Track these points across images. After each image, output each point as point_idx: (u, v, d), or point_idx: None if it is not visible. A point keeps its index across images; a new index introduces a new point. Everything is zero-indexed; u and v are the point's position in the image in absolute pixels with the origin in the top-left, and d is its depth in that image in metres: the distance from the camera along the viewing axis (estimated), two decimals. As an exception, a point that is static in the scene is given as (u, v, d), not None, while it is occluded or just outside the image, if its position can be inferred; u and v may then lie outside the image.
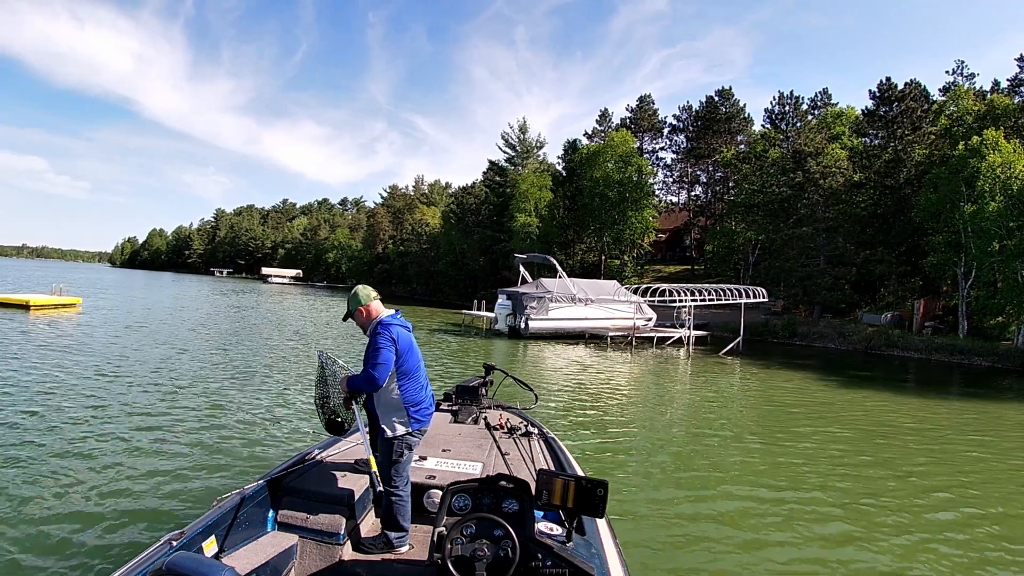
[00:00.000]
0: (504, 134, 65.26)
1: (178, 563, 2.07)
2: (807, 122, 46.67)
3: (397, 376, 3.66)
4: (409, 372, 3.70)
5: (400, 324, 3.71)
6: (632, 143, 50.87)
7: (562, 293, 28.94)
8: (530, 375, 16.53)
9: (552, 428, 9.62)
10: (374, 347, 3.57)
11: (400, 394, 3.69)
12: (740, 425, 11.41)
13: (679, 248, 61.90)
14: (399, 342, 3.61)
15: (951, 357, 27.16)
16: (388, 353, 3.55)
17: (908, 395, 16.86)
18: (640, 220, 48.22)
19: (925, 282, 33.85)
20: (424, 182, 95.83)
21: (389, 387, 3.67)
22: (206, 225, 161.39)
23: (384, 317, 3.72)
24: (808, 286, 36.20)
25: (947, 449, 10.45)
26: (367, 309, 3.76)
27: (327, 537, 3.39)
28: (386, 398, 3.70)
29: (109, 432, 8.14)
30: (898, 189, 35.83)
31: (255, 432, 8.63)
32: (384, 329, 3.61)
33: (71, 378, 11.67)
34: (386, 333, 3.59)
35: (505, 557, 2.68)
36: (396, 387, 3.68)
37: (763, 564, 5.36)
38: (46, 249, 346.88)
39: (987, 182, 27.00)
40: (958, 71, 40.18)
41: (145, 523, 5.39)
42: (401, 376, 3.67)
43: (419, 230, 75.35)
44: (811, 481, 7.92)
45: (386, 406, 3.71)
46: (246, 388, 11.82)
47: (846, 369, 22.51)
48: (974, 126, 31.04)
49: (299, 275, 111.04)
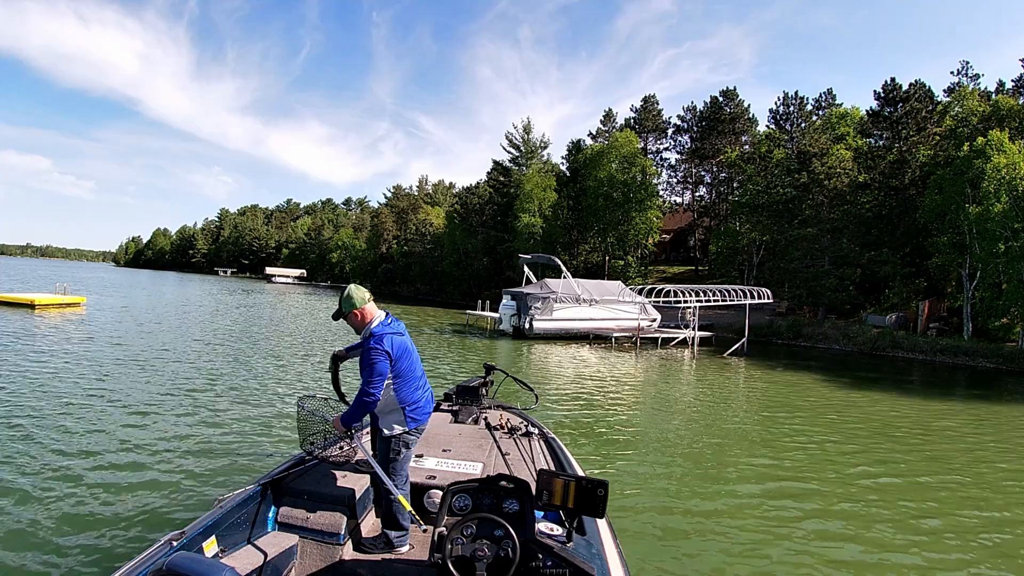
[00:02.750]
0: (508, 134, 65.26)
1: (178, 563, 2.08)
2: (811, 123, 46.50)
3: (392, 379, 3.67)
4: (403, 374, 3.71)
5: (393, 332, 3.68)
6: (636, 143, 50.83)
7: (567, 294, 28.89)
8: (534, 376, 16.53)
9: (555, 428, 9.64)
10: (368, 362, 3.56)
11: (395, 395, 3.71)
12: (744, 426, 11.39)
13: (683, 249, 61.78)
14: (393, 350, 3.61)
15: (955, 358, 27.02)
16: (383, 366, 3.55)
17: (913, 397, 16.78)
18: (644, 221, 48.15)
19: (930, 283, 33.69)
20: (428, 182, 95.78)
21: (385, 391, 3.69)
22: (210, 225, 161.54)
23: (375, 327, 3.69)
24: (813, 287, 36.08)
25: (952, 450, 10.40)
26: (362, 313, 3.73)
27: (327, 537, 3.40)
28: (383, 400, 3.71)
29: (110, 432, 8.19)
30: (903, 190, 35.67)
31: (256, 432, 8.67)
32: (377, 343, 3.59)
33: (73, 377, 11.74)
34: (379, 348, 3.57)
35: (505, 557, 2.69)
36: (392, 390, 3.70)
37: (764, 565, 5.35)
38: (50, 248, 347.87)
39: (992, 183, 26.88)
40: (963, 72, 40.06)
41: (146, 523, 5.41)
42: (396, 379, 3.69)
43: (423, 230, 75.33)
44: (815, 483, 7.90)
45: (383, 407, 3.73)
46: (247, 388, 11.87)
47: (851, 370, 22.43)
48: (979, 127, 30.89)
49: (303, 275, 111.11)
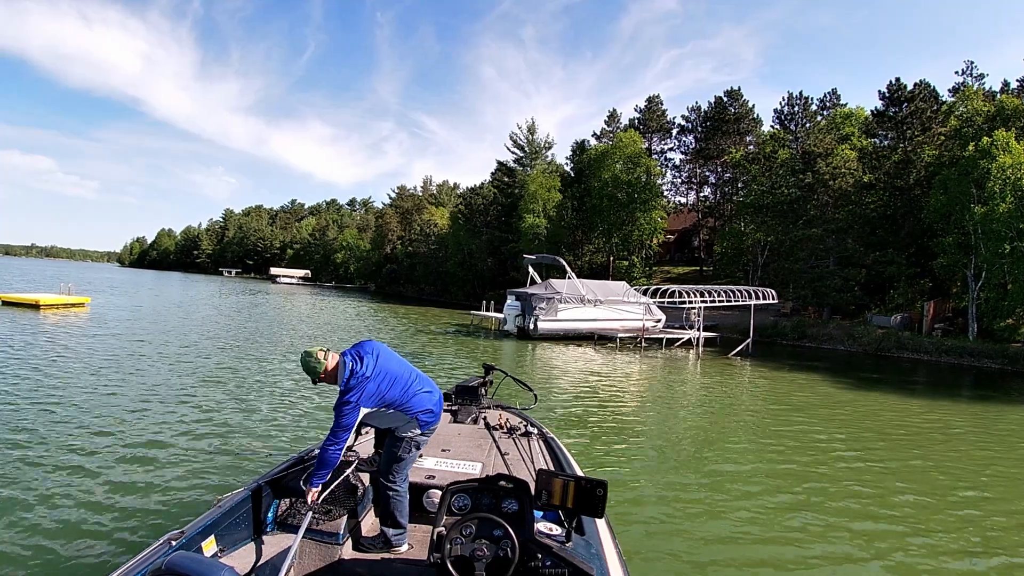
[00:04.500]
0: (512, 135, 65.37)
1: (178, 563, 2.08)
2: (816, 123, 46.33)
3: (384, 406, 3.65)
4: (394, 400, 3.65)
5: (359, 382, 3.47)
6: (640, 144, 50.78)
7: (571, 294, 28.87)
8: (539, 376, 16.53)
9: (560, 428, 9.66)
10: (338, 415, 3.46)
11: (398, 410, 3.69)
12: (747, 427, 11.37)
13: (688, 249, 61.61)
14: (366, 394, 3.47)
15: (961, 359, 26.91)
16: (351, 419, 3.44)
17: (918, 397, 16.72)
18: (649, 221, 48.12)
19: (935, 284, 33.53)
20: (432, 183, 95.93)
21: (383, 414, 3.72)
22: (215, 225, 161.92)
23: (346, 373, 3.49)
24: (817, 288, 35.94)
25: (958, 452, 10.35)
26: (326, 371, 3.51)
27: (327, 537, 3.41)
28: (387, 419, 3.73)
29: (110, 431, 8.23)
30: (908, 190, 35.52)
31: (256, 432, 8.70)
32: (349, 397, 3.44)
33: (74, 377, 11.81)
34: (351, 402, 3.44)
35: (504, 557, 2.70)
36: (391, 410, 3.69)
37: (766, 565, 5.35)
38: (55, 249, 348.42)
39: (997, 183, 26.76)
40: (967, 71, 39.80)
41: (145, 522, 5.43)
42: (389, 404, 3.65)
43: (427, 231, 75.33)
44: (819, 484, 7.88)
45: (391, 421, 3.73)
46: (248, 388, 11.92)
47: (856, 371, 22.37)
48: (984, 127, 30.75)
49: (307, 275, 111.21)
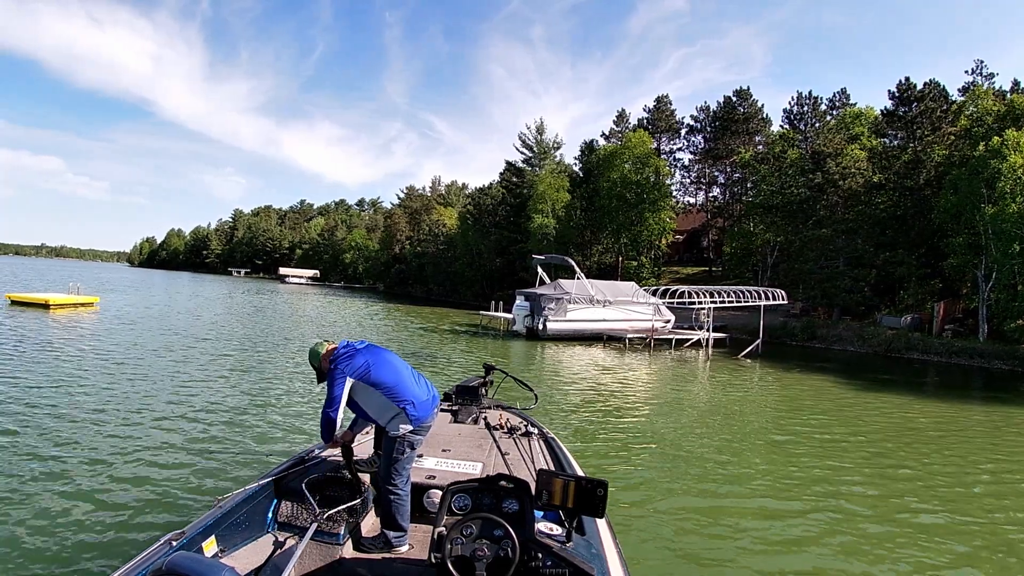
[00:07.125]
0: (521, 135, 65.41)
1: (178, 563, 2.09)
2: (826, 122, 46.09)
3: (371, 385, 3.73)
4: (381, 380, 3.74)
5: (346, 355, 3.75)
6: (649, 144, 50.64)
7: (580, 294, 28.78)
8: (547, 377, 16.54)
9: (567, 429, 9.69)
10: (329, 383, 3.70)
11: (385, 396, 3.74)
12: (755, 428, 11.34)
13: (696, 249, 61.40)
14: (352, 364, 3.69)
15: (971, 360, 26.68)
16: (339, 390, 3.65)
17: (929, 399, 16.61)
18: (657, 221, 47.98)
19: (945, 284, 33.25)
20: (441, 183, 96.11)
21: (370, 396, 3.77)
22: (224, 225, 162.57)
23: (340, 349, 3.82)
24: (827, 288, 35.69)
25: (966, 452, 10.28)
26: (327, 352, 3.83)
27: (327, 537, 3.43)
28: (375, 405, 3.79)
29: (111, 431, 8.32)
30: (918, 190, 35.23)
31: (256, 432, 8.77)
32: (333, 369, 3.71)
33: (81, 377, 11.96)
34: (340, 364, 3.70)
35: (505, 557, 2.71)
36: (377, 393, 3.75)
37: (767, 566, 5.34)
38: (65, 249, 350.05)
39: (1008, 183, 26.51)
40: (977, 71, 39.50)
41: (145, 523, 5.47)
42: (378, 387, 3.73)
43: (436, 231, 75.43)
44: (823, 486, 7.86)
45: (379, 411, 3.79)
46: (250, 389, 12.01)
47: (866, 372, 22.22)
48: (994, 126, 30.43)
49: (316, 275, 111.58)
